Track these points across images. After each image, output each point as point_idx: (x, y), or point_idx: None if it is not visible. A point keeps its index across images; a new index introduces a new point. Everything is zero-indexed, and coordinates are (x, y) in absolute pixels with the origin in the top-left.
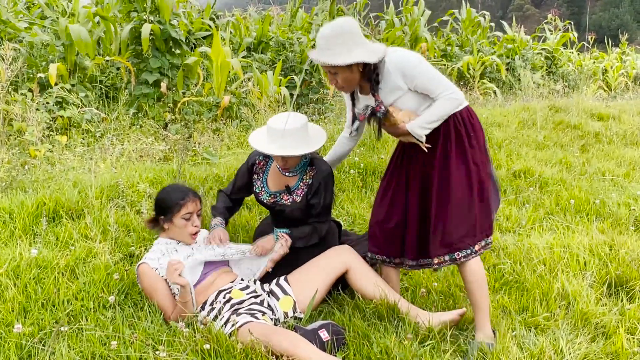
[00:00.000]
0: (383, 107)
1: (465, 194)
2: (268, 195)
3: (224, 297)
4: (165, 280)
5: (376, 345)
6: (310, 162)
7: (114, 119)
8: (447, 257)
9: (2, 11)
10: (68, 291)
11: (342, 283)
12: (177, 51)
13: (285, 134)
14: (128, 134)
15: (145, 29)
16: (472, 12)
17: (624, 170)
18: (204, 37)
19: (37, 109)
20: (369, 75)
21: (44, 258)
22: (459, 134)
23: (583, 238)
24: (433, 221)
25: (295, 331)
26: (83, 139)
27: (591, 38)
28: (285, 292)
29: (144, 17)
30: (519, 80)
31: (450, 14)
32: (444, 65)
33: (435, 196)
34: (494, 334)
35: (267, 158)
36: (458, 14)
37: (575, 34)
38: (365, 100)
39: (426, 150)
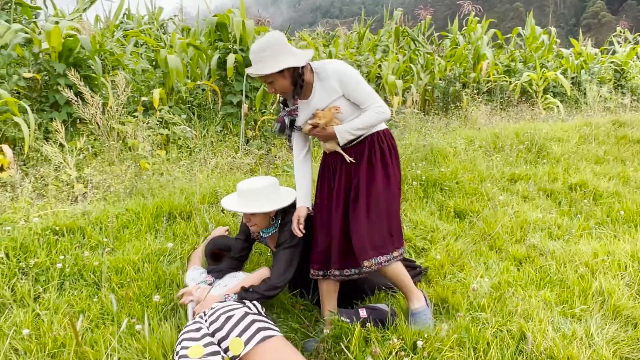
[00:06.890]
0: (296, 113)
1: (389, 202)
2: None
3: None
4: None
5: None
6: (281, 224)
7: (203, 135)
8: (374, 261)
9: (106, 42)
10: None
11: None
12: None
13: (248, 193)
14: (219, 150)
15: (230, 59)
16: (536, 30)
17: None
18: None
19: (150, 128)
20: (295, 79)
21: (172, 250)
22: (382, 149)
23: (626, 245)
24: (363, 228)
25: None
26: (179, 153)
27: None
28: None
29: (229, 46)
30: (585, 94)
31: (516, 32)
32: (506, 81)
33: (363, 204)
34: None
35: None
36: (522, 31)
37: None
38: (307, 110)
39: (349, 161)
